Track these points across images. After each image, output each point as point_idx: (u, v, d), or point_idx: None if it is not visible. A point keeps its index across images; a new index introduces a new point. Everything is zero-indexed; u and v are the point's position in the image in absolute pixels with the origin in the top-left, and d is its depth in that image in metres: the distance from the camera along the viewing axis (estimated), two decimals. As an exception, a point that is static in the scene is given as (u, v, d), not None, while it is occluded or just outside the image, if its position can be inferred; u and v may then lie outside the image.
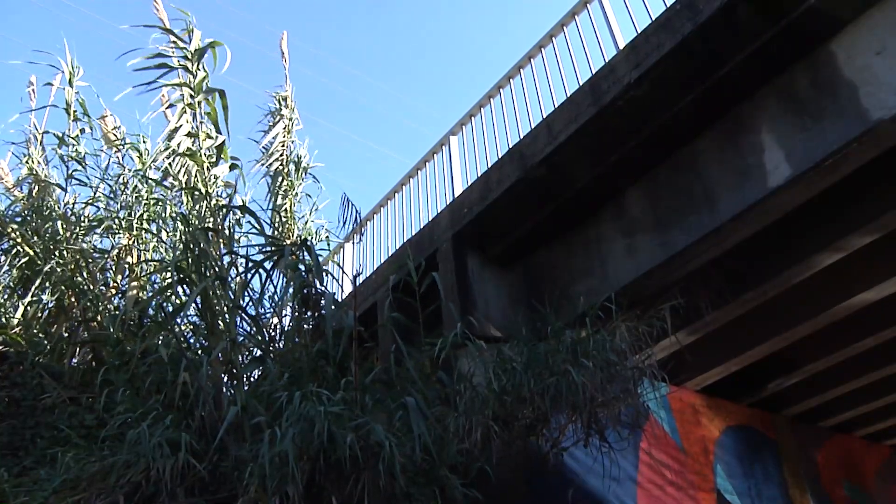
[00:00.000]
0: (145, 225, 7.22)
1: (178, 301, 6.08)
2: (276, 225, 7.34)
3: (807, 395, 8.68)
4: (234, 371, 5.50)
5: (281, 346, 6.03)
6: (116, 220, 7.17)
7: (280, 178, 7.44)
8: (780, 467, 8.50)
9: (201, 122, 6.51)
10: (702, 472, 7.22)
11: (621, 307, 5.07)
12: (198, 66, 6.54)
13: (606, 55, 5.74)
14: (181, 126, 6.32)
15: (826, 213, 5.45)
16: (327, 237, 7.99)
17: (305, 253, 5.92)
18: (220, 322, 5.56)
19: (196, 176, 6.32)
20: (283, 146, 7.54)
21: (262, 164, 7.47)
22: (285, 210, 7.38)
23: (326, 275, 6.67)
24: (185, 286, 5.81)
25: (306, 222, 7.77)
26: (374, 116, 36.56)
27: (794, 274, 5.83)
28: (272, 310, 6.26)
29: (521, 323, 5.76)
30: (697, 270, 5.72)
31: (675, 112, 5.26)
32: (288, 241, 6.60)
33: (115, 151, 7.78)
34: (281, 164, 7.51)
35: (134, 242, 7.10)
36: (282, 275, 5.92)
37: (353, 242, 8.63)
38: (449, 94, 38.70)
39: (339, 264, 8.54)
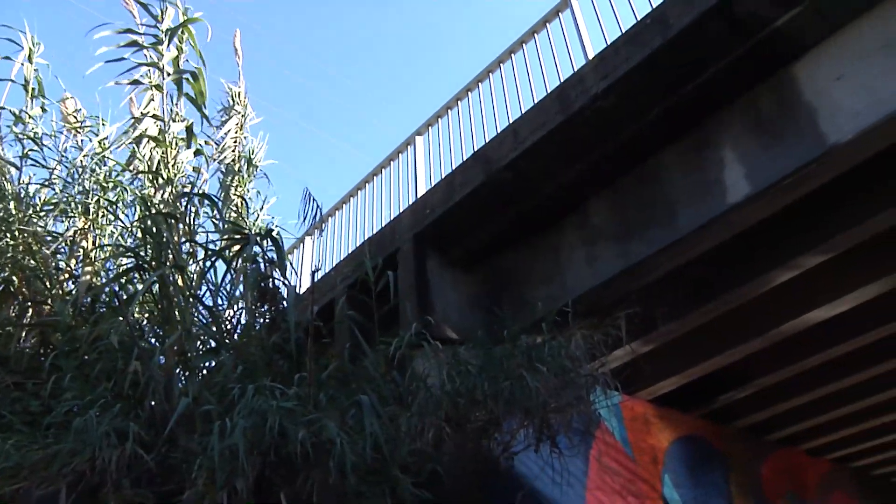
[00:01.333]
0: (102, 209, 7.07)
1: (133, 288, 5.97)
2: (228, 220, 7.25)
3: (756, 408, 8.84)
4: (188, 362, 5.43)
5: (236, 338, 5.95)
6: (72, 204, 7.01)
7: (231, 175, 7.37)
8: (727, 478, 8.63)
9: (176, 105, 6.42)
10: (650, 481, 7.30)
11: (579, 315, 5.10)
12: (168, 44, 6.44)
13: (576, 65, 5.79)
14: (147, 109, 6.22)
15: (783, 231, 5.55)
16: (278, 233, 7.91)
17: (269, 244, 5.85)
18: (176, 311, 5.48)
19: (160, 161, 6.22)
20: (234, 142, 7.46)
21: (214, 159, 7.39)
22: (236, 205, 7.30)
23: (287, 269, 6.61)
24: (142, 273, 5.70)
25: (256, 218, 7.68)
26: (342, 113, 36.46)
27: (749, 289, 5.93)
28: (229, 301, 6.18)
29: (478, 326, 5.79)
30: (656, 282, 5.80)
31: (642, 124, 5.32)
32: (253, 232, 6.51)
33: (75, 134, 7.61)
34: (233, 160, 7.43)
35: (90, 227, 6.95)
36: (241, 266, 5.85)
37: (314, 238, 8.58)
38: (418, 94, 38.74)
39: (292, 262, 8.46)
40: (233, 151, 7.40)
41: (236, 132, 7.53)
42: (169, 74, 6.60)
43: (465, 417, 4.65)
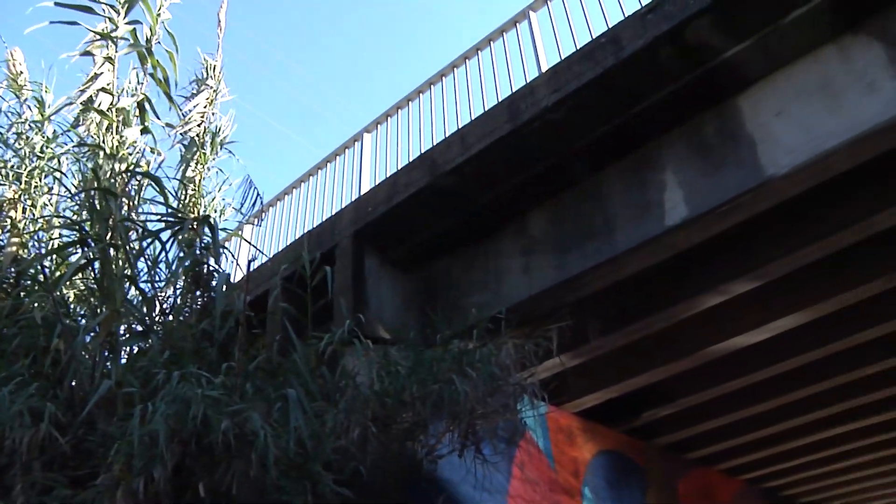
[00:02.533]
0: (37, 179, 6.83)
1: (65, 263, 5.80)
2: (182, 197, 7.08)
3: (676, 427, 9.01)
4: (115, 343, 5.28)
5: (167, 322, 5.82)
6: (3, 171, 6.77)
7: (194, 149, 7.20)
8: (645, 494, 8.81)
9: (141, 83, 6.26)
10: (571, 492, 7.39)
11: (511, 324, 5.14)
12: (126, 14, 6.27)
13: (528, 76, 5.85)
14: (97, 79, 6.04)
15: (715, 256, 5.68)
16: (215, 219, 7.76)
17: (206, 229, 5.74)
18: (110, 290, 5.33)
19: (105, 135, 6.06)
20: (202, 116, 7.28)
21: (178, 131, 7.21)
22: (194, 183, 7.13)
23: (223, 255, 6.49)
24: (84, 248, 5.52)
25: (213, 198, 7.52)
26: (293, 103, 36.06)
27: (679, 311, 6.06)
28: (162, 284, 6.05)
29: (411, 327, 5.79)
30: (589, 297, 5.87)
31: (588, 140, 5.39)
32: (191, 216, 6.37)
33: (17, 95, 7.33)
34: (197, 135, 7.26)
35: (20, 197, 6.71)
36: (177, 249, 5.74)
37: (253, 226, 8.46)
38: (372, 92, 38.57)
39: (230, 251, 8.34)
40: (198, 126, 7.22)
41: (205, 106, 7.36)
42: (129, 43, 6.40)
43: (391, 418, 4.64)
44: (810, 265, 5.77)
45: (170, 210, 6.11)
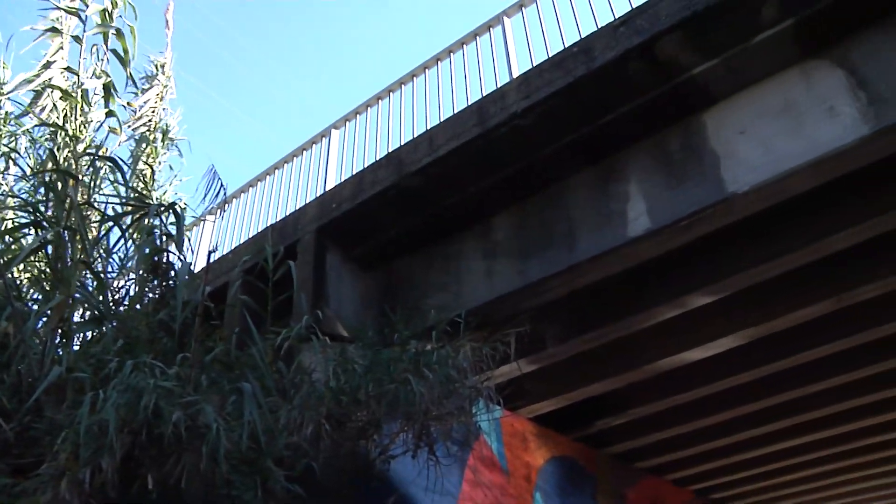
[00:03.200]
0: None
1: (18, 245, 5.66)
2: (132, 187, 6.97)
3: (629, 436, 9.11)
4: (67, 329, 5.18)
5: (122, 310, 5.72)
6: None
7: (145, 144, 7.13)
8: (595, 501, 8.88)
9: (101, 61, 6.14)
10: (521, 497, 7.42)
11: (470, 326, 5.16)
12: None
13: (499, 81, 5.87)
14: (56, 58, 5.93)
15: (674, 269, 5.76)
16: (184, 209, 7.67)
17: (169, 217, 5.65)
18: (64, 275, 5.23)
19: (65, 115, 5.95)
20: (153, 112, 7.23)
21: (129, 126, 7.13)
22: (145, 177, 7.05)
23: (184, 244, 6.41)
24: (38, 230, 5.40)
25: (164, 192, 7.44)
26: (264, 96, 35.80)
27: (636, 321, 6.12)
28: (120, 271, 5.95)
29: (370, 326, 5.77)
30: (549, 303, 5.91)
31: (555, 148, 5.43)
32: (155, 202, 6.28)
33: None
34: (148, 130, 7.20)
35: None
36: (137, 236, 5.65)
37: (215, 217, 8.37)
38: (344, 89, 38.44)
39: (190, 240, 8.23)
40: (148, 122, 7.17)
41: (155, 102, 7.31)
42: (95, 23, 6.30)
43: (346, 416, 4.63)
44: (765, 283, 5.89)
45: (134, 195, 6.02)
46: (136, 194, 6.11)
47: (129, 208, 5.68)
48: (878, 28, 4.58)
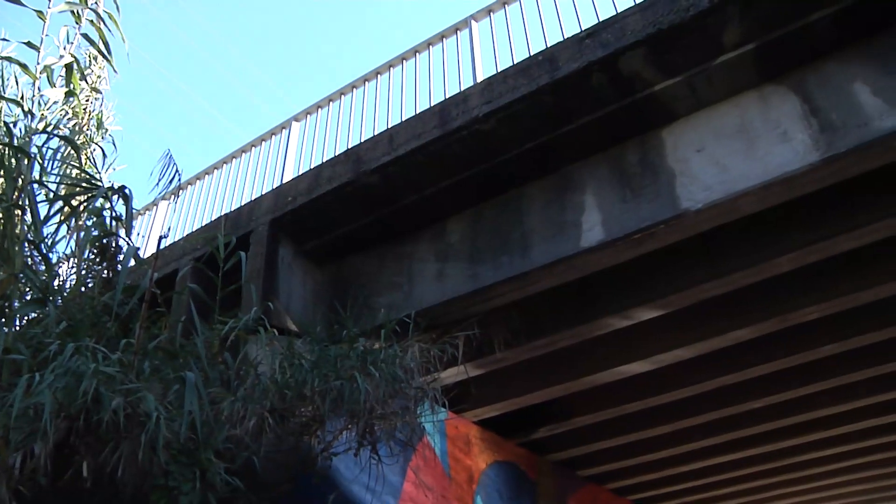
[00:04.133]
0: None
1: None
2: (82, 168, 6.84)
3: (571, 444, 9.18)
4: (8, 309, 5.05)
5: (66, 292, 5.60)
6: None
7: (79, 133, 7.01)
8: (535, 507, 8.95)
9: (71, 40, 6.00)
10: (462, 500, 7.43)
11: (419, 327, 5.17)
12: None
13: (463, 84, 5.89)
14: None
15: (624, 281, 5.83)
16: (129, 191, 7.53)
17: (119, 200, 5.54)
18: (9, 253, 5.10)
19: (23, 91, 5.82)
20: (87, 100, 7.10)
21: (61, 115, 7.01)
22: (87, 159, 6.91)
23: (132, 228, 6.29)
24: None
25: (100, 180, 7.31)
26: (227, 87, 35.40)
27: (584, 331, 6.17)
28: (66, 252, 5.83)
29: (319, 321, 5.74)
30: (499, 308, 5.93)
31: (514, 154, 5.46)
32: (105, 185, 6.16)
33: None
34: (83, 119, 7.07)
35: None
36: (86, 217, 5.54)
37: (169, 203, 8.25)
38: (308, 83, 38.14)
39: (140, 224, 8.09)
40: (85, 110, 7.04)
41: (88, 92, 7.17)
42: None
43: (290, 411, 4.59)
44: (712, 299, 6.00)
45: (85, 177, 5.90)
46: (89, 174, 5.99)
47: (80, 189, 5.56)
48: (833, 59, 4.71)
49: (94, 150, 7.12)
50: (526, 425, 8.52)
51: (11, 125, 5.74)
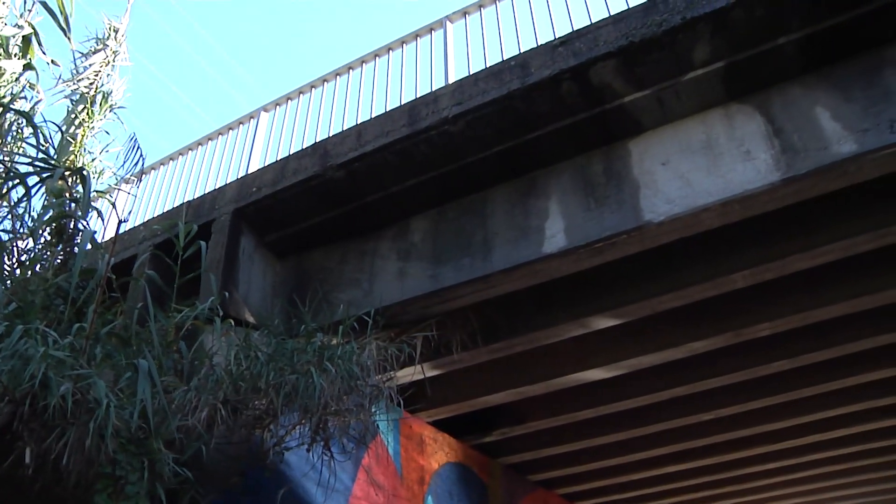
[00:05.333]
0: None
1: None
2: (60, 152, 6.71)
3: (524, 448, 9.23)
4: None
5: (18, 272, 5.47)
6: None
7: (82, 106, 6.87)
8: (485, 509, 8.98)
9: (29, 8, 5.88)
10: (413, 500, 7.42)
11: (378, 325, 5.17)
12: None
13: (434, 85, 5.89)
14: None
15: (583, 289, 5.88)
16: (100, 172, 7.40)
17: (78, 183, 5.44)
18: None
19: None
20: (96, 75, 6.98)
21: (68, 85, 6.86)
22: (76, 140, 6.79)
23: (92, 212, 6.18)
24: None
25: (94, 159, 7.19)
26: (200, 74, 34.96)
27: (542, 336, 6.20)
28: (21, 232, 5.70)
29: (277, 315, 5.70)
30: (459, 310, 5.94)
31: (481, 157, 5.47)
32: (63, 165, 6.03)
33: None
34: (88, 93, 6.94)
35: None
36: (43, 197, 5.43)
37: (131, 187, 8.12)
38: (279, 73, 37.85)
39: (100, 210, 7.94)
40: (90, 84, 6.90)
41: (101, 66, 7.04)
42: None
43: (243, 403, 4.55)
44: (668, 311, 6.08)
45: (42, 155, 5.78)
46: (46, 154, 5.86)
47: (36, 168, 5.44)
48: (797, 83, 4.81)
49: (94, 127, 7.01)
50: (480, 427, 8.54)
51: None
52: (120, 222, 5.21)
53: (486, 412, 8.18)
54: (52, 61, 6.65)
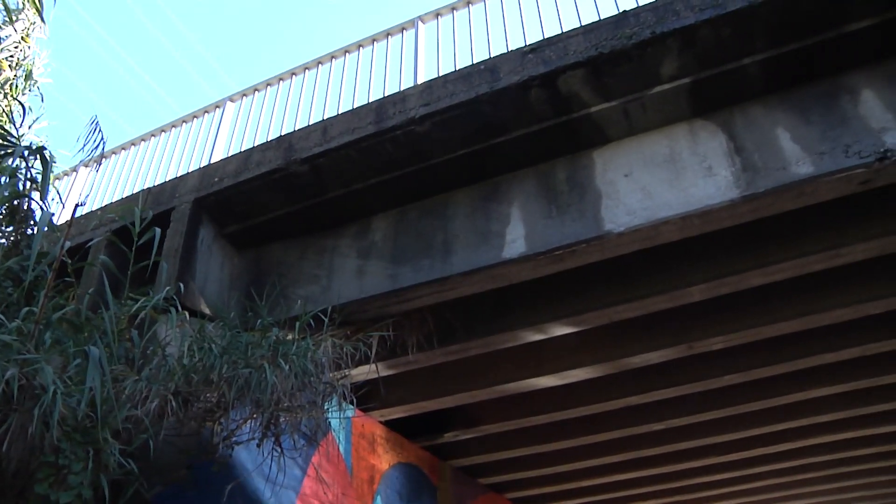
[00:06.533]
0: None
1: None
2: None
3: (475, 451, 9.26)
4: None
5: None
6: None
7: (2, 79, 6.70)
8: (434, 511, 8.99)
9: None
10: (363, 500, 7.40)
11: (335, 322, 5.14)
12: None
13: (403, 85, 5.88)
14: None
15: (542, 296, 5.91)
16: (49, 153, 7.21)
17: (36, 162, 5.31)
18: None
19: None
20: (15, 48, 6.79)
21: None
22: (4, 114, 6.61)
23: (48, 192, 6.04)
24: None
25: (22, 135, 7.03)
26: (166, 56, 34.48)
27: (498, 341, 6.23)
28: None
29: (234, 307, 5.64)
30: (416, 311, 5.93)
31: (446, 159, 5.47)
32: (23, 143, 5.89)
33: None
34: (9, 66, 6.77)
35: None
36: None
37: (90, 170, 7.98)
38: (249, 64, 37.48)
39: (57, 189, 7.80)
40: (10, 57, 6.73)
41: (19, 38, 6.86)
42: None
43: (194, 395, 4.49)
44: (625, 321, 6.15)
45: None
46: (4, 130, 5.73)
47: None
48: (760, 103, 4.91)
49: (18, 100, 6.83)
50: (432, 429, 8.55)
51: None
52: (77, 205, 5.11)
53: (438, 414, 8.19)
54: (24, 36, 6.49)
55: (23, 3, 7.00)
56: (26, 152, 5.20)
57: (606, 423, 8.48)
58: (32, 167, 5.28)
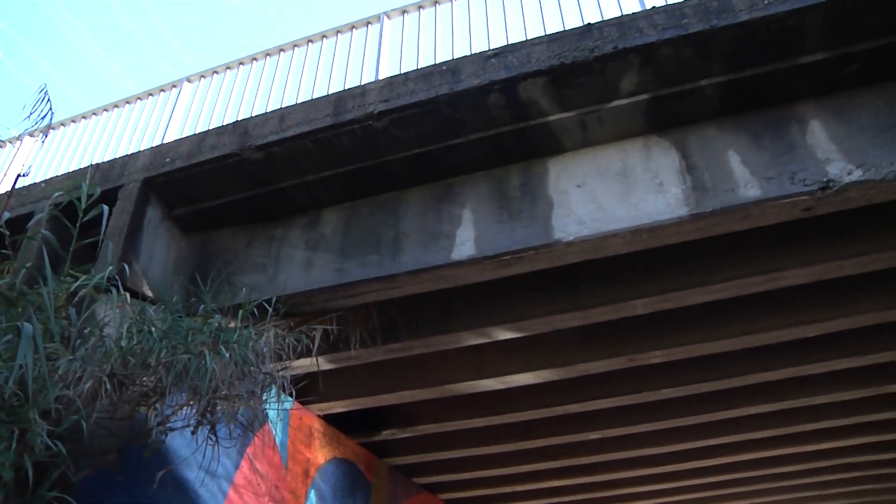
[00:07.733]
0: None
1: None
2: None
3: (412, 451, 9.27)
4: None
5: None
6: None
7: None
8: (367, 508, 8.98)
9: None
10: (296, 493, 7.36)
11: (279, 313, 5.09)
12: None
13: (364, 79, 5.86)
14: None
15: (487, 299, 5.95)
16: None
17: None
18: None
19: None
20: None
21: None
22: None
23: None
24: None
25: None
26: (125, 32, 33.77)
27: (441, 341, 6.24)
28: None
29: (177, 291, 5.55)
30: (362, 306, 5.93)
31: (401, 157, 5.45)
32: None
33: None
34: None
35: None
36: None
37: (35, 141, 7.77)
38: (212, 46, 36.92)
39: None
40: None
41: None
42: None
43: (130, 378, 4.39)
44: (569, 330, 6.22)
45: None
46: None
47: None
48: (714, 125, 5.00)
49: None
50: (370, 426, 8.53)
51: None
52: (19, 175, 4.98)
53: (377, 411, 8.19)
54: None
55: None
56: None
57: (544, 429, 8.56)
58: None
